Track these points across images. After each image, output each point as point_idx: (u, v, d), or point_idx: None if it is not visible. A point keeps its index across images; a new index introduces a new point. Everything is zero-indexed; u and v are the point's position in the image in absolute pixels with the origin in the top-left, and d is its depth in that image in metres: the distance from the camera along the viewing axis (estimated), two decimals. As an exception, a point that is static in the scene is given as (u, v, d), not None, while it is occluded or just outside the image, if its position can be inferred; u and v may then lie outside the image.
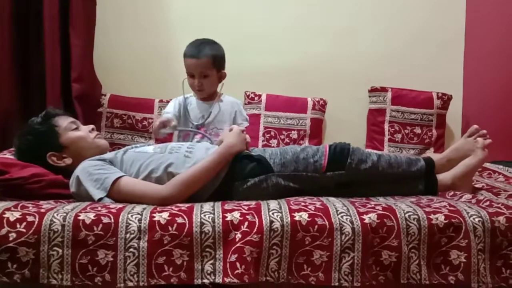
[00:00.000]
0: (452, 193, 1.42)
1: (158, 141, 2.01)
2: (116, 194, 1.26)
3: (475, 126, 1.55)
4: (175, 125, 1.68)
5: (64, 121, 1.45)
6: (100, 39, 2.17)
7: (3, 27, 1.90)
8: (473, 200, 1.32)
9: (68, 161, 1.41)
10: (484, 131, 1.53)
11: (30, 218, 1.08)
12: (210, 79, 1.82)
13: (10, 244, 1.05)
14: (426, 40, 2.39)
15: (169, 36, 2.30)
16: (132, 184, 1.29)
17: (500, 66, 2.16)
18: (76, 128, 1.46)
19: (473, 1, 2.37)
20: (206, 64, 1.78)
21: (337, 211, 1.16)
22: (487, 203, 1.27)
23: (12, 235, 1.06)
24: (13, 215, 1.09)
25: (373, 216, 1.14)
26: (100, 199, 1.25)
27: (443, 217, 1.16)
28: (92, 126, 1.51)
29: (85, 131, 1.47)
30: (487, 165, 1.77)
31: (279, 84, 2.32)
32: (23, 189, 1.29)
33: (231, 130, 1.49)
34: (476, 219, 1.16)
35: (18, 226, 1.07)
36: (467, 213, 1.18)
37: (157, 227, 1.09)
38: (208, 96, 1.89)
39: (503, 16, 2.15)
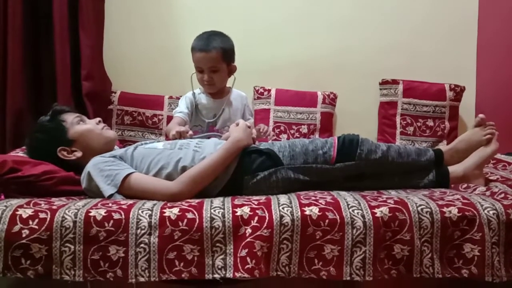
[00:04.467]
0: (465, 185, 1.40)
1: (168, 137, 2.02)
2: (127, 190, 1.27)
3: (481, 115, 1.53)
4: (192, 135, 1.60)
5: (70, 116, 1.46)
6: (109, 37, 2.18)
7: (14, 28, 1.92)
8: (488, 193, 1.30)
9: (78, 154, 1.42)
10: (491, 122, 1.51)
11: (42, 215, 1.10)
12: (220, 73, 1.77)
13: (23, 241, 1.06)
14: (437, 29, 2.34)
15: (177, 31, 2.29)
16: (143, 181, 1.29)
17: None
18: (82, 122, 1.47)
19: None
20: (216, 57, 1.72)
21: (348, 205, 1.15)
22: (502, 195, 1.25)
23: (25, 232, 1.07)
24: (26, 212, 1.10)
25: (384, 209, 1.13)
26: (111, 196, 1.26)
27: (456, 210, 1.14)
28: (98, 118, 1.53)
29: (92, 124, 1.49)
30: (501, 157, 1.74)
31: (288, 78, 2.31)
32: (35, 186, 1.30)
33: (237, 125, 1.49)
34: (491, 212, 1.14)
35: (30, 223, 1.08)
36: (481, 205, 1.16)
37: (167, 223, 1.10)
38: (218, 91, 1.85)
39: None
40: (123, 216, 1.10)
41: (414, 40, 2.35)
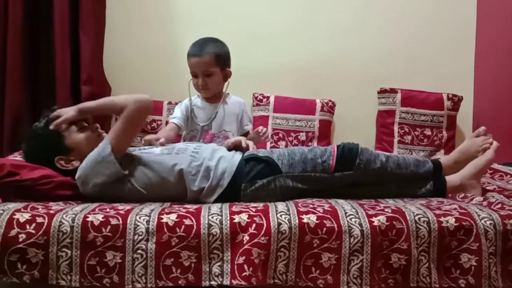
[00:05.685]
0: (462, 195, 1.40)
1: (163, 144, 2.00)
2: (116, 141, 1.32)
3: (484, 127, 1.55)
4: (163, 143, 1.58)
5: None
6: (109, 41, 2.19)
7: (15, 29, 1.92)
8: (485, 203, 1.30)
9: (76, 163, 1.38)
10: (490, 135, 1.53)
11: (39, 220, 1.09)
12: (214, 78, 1.77)
13: (20, 245, 1.06)
14: (435, 38, 2.36)
15: (177, 37, 2.30)
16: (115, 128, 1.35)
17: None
18: (81, 129, 1.43)
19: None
20: (209, 62, 1.74)
21: (345, 213, 1.15)
22: (499, 205, 1.25)
23: (22, 236, 1.06)
24: (23, 216, 1.10)
25: (382, 218, 1.13)
26: (112, 153, 1.28)
27: (453, 219, 1.14)
28: (96, 125, 1.50)
29: (89, 132, 1.46)
30: (498, 167, 1.74)
31: (287, 84, 2.32)
32: (33, 191, 1.29)
33: (233, 142, 1.53)
34: (488, 222, 1.14)
35: (27, 227, 1.08)
36: (478, 215, 1.16)
37: (165, 229, 1.10)
38: (214, 96, 1.86)
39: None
40: (121, 222, 1.10)
41: (413, 48, 2.37)
